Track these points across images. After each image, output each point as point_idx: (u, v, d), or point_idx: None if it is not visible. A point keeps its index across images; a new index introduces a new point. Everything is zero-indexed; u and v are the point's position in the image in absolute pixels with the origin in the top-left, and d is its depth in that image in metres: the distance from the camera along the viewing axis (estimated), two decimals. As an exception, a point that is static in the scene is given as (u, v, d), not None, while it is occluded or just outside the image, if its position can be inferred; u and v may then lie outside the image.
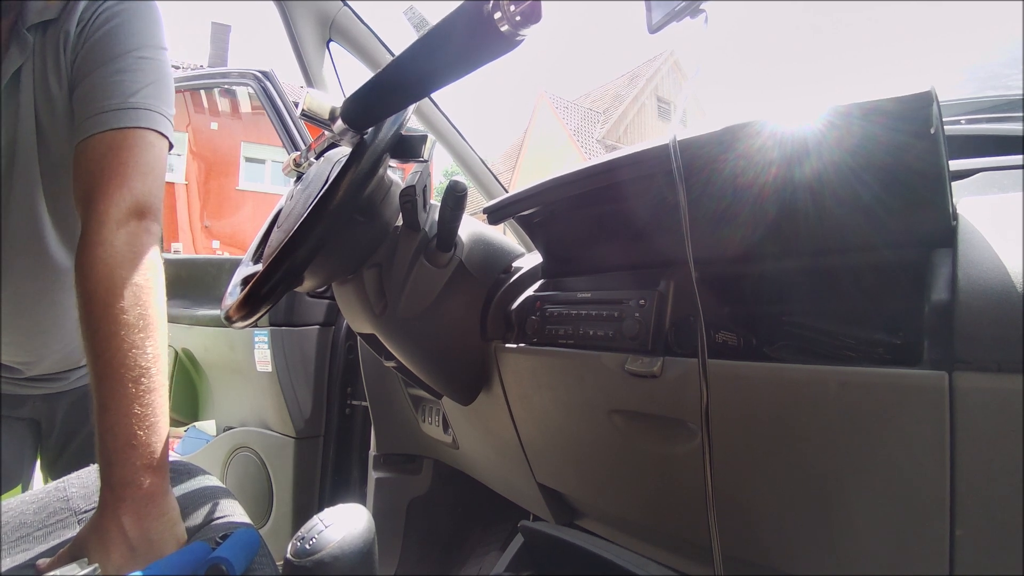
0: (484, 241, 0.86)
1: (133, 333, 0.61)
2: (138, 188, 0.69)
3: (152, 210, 0.69)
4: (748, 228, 0.60)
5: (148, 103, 0.74)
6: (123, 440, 0.58)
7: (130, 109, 0.72)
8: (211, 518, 0.68)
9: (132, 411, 0.59)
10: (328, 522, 0.58)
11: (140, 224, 0.67)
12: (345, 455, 1.56)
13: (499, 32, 0.44)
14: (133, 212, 0.67)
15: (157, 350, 0.63)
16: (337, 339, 1.54)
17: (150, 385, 0.61)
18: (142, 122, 0.72)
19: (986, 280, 0.41)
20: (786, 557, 0.55)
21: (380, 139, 0.67)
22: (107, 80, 0.73)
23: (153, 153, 0.72)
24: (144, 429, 0.59)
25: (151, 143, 0.73)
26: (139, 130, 0.72)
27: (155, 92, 0.75)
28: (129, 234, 0.66)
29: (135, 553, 0.55)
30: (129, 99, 0.72)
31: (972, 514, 0.41)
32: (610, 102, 19.85)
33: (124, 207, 0.67)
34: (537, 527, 0.82)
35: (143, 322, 0.62)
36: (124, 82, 0.73)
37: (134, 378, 0.60)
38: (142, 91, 0.73)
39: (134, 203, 0.68)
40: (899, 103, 0.43)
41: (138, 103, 0.73)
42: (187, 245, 5.97)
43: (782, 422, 0.51)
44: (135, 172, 0.69)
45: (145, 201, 0.69)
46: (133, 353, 0.61)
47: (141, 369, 0.61)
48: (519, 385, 0.80)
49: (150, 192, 0.70)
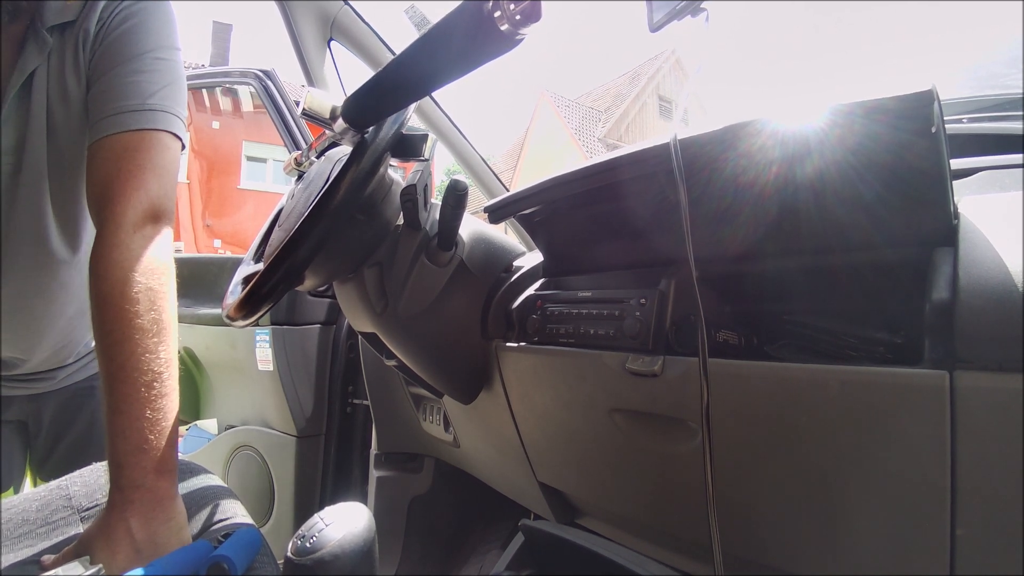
0: (485, 240, 0.86)
1: (147, 337, 0.61)
2: (154, 191, 0.69)
3: (167, 213, 0.70)
4: (749, 227, 0.60)
5: (165, 104, 0.73)
6: (134, 443, 0.58)
7: (148, 111, 0.72)
8: (213, 517, 0.69)
9: (144, 415, 0.59)
10: (329, 520, 0.58)
11: (155, 227, 0.68)
12: (346, 454, 1.57)
13: (499, 31, 0.44)
14: (149, 215, 0.67)
15: (170, 355, 0.63)
16: (338, 338, 1.54)
17: (162, 390, 0.61)
18: (159, 124, 0.72)
19: (987, 279, 0.41)
20: (786, 556, 0.55)
21: (381, 138, 0.67)
22: (125, 80, 0.73)
23: (169, 155, 0.73)
24: (155, 433, 0.59)
25: (167, 145, 0.73)
26: (156, 132, 0.72)
27: (171, 94, 0.75)
28: (145, 238, 0.66)
29: (140, 555, 0.55)
30: (147, 100, 0.72)
31: (973, 513, 0.41)
32: (611, 101, 19.83)
33: (141, 210, 0.67)
34: (538, 526, 0.82)
35: (157, 327, 0.62)
36: (142, 83, 0.73)
37: (147, 382, 0.60)
38: (159, 92, 0.73)
39: (150, 206, 0.68)
40: (900, 101, 0.43)
41: (155, 104, 0.73)
42: (188, 244, 5.97)
43: (783, 421, 0.51)
44: (152, 174, 0.69)
45: (160, 204, 0.69)
46: (147, 357, 0.61)
47: (154, 374, 0.61)
48: (520, 384, 0.80)
49: (166, 195, 0.70)
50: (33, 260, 0.83)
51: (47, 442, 1.01)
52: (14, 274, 0.81)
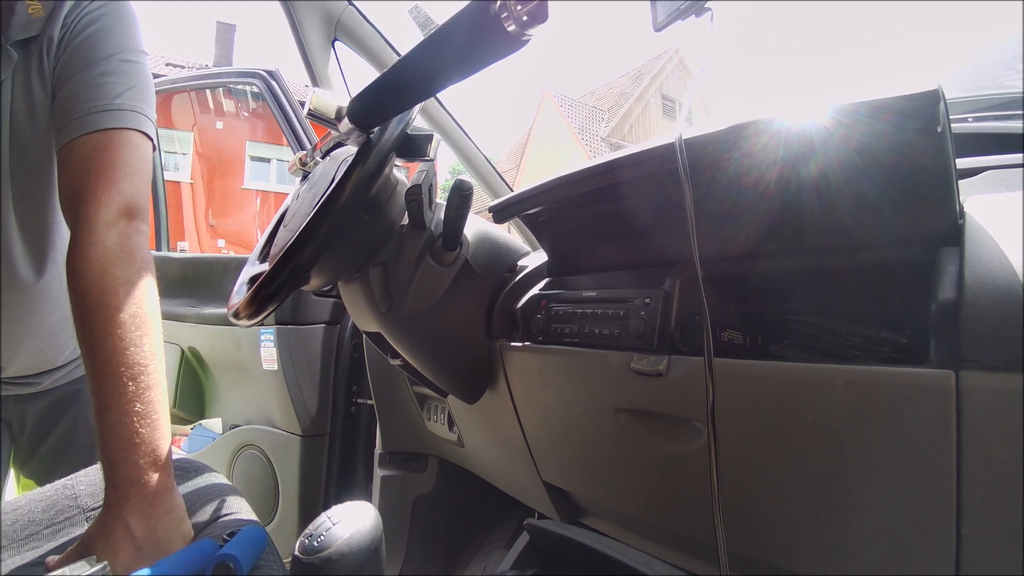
0: (489, 240, 0.87)
1: (129, 331, 0.61)
2: (127, 189, 0.69)
3: (141, 210, 0.70)
4: (754, 227, 0.60)
5: (134, 105, 0.74)
6: (125, 439, 0.58)
7: (116, 110, 0.72)
8: (218, 515, 0.69)
9: (133, 409, 0.59)
10: (336, 519, 0.59)
11: (130, 224, 0.68)
12: (350, 453, 1.57)
13: (505, 32, 0.44)
14: (123, 212, 0.68)
15: (154, 347, 0.63)
16: (343, 337, 1.54)
17: (149, 382, 0.61)
18: (129, 123, 0.73)
19: (993, 279, 0.41)
20: (792, 556, 0.55)
21: (386, 138, 0.67)
22: (92, 82, 0.73)
23: (139, 154, 0.73)
24: (146, 427, 0.59)
25: (137, 144, 0.73)
26: (126, 131, 0.72)
27: (139, 95, 0.75)
28: (120, 234, 0.66)
29: (142, 551, 0.55)
30: (115, 100, 0.73)
31: (978, 513, 0.41)
32: (615, 100, 19.81)
33: (114, 208, 0.67)
34: (542, 525, 0.82)
35: (138, 319, 0.63)
36: (109, 84, 0.73)
37: (133, 376, 0.60)
38: (127, 93, 0.74)
39: (123, 204, 0.68)
40: (906, 101, 0.43)
41: (124, 104, 0.73)
42: (192, 244, 5.98)
43: (788, 421, 0.51)
44: (123, 173, 0.70)
45: (134, 201, 0.69)
46: (131, 351, 0.61)
47: (139, 367, 0.61)
48: (524, 383, 0.80)
49: (138, 192, 0.71)
50: (3, 272, 0.82)
51: (30, 442, 1.01)
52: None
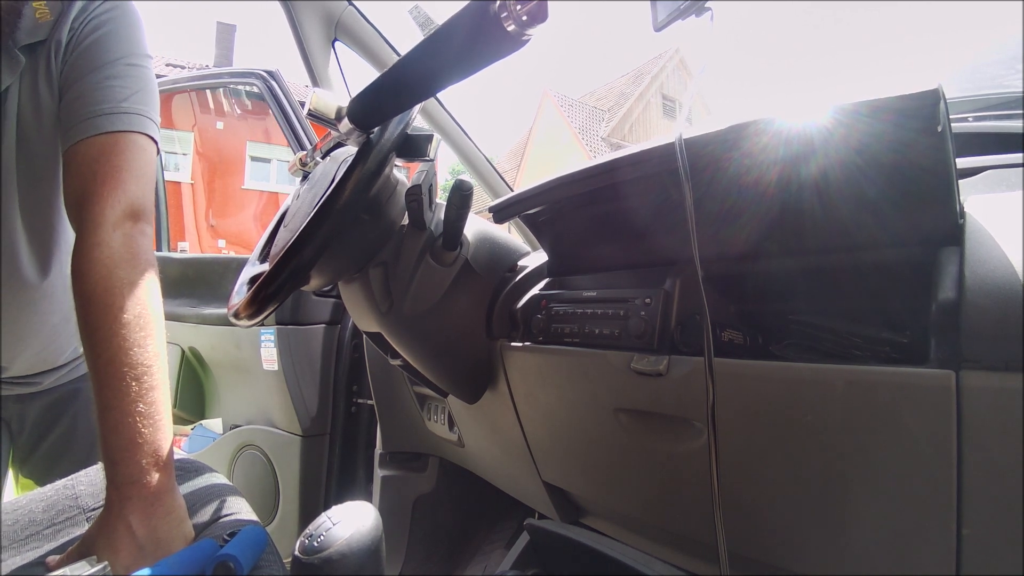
0: (490, 240, 0.87)
1: (133, 331, 0.62)
2: (132, 191, 0.70)
3: (146, 212, 0.71)
4: (754, 226, 0.60)
5: (139, 108, 0.75)
6: (127, 439, 0.58)
7: (123, 114, 0.73)
8: (218, 515, 0.69)
9: (135, 409, 0.59)
10: (336, 519, 0.59)
11: (135, 226, 0.68)
12: (351, 453, 1.57)
13: (505, 32, 0.44)
14: (128, 214, 0.68)
15: (157, 348, 0.64)
16: (343, 337, 1.54)
17: (152, 383, 0.61)
18: (134, 126, 0.73)
19: (993, 278, 0.41)
20: (792, 556, 0.55)
21: (386, 138, 0.67)
22: (99, 85, 0.74)
23: (144, 157, 0.74)
24: (148, 427, 0.60)
25: (142, 147, 0.74)
26: (132, 134, 0.73)
27: (144, 99, 0.76)
28: (125, 236, 0.67)
29: (143, 551, 0.56)
30: (121, 104, 0.74)
31: (979, 513, 0.41)
32: (615, 100, 19.80)
33: (119, 210, 0.67)
34: (543, 525, 0.82)
35: (142, 320, 0.63)
36: (115, 87, 0.74)
37: (136, 376, 0.60)
38: (133, 96, 0.75)
39: (129, 206, 0.68)
40: (906, 100, 0.43)
41: (129, 108, 0.74)
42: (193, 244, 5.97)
43: (788, 421, 0.51)
44: (129, 175, 0.70)
45: (139, 204, 0.70)
46: (134, 351, 0.61)
47: (143, 367, 0.61)
48: (525, 383, 0.80)
49: (144, 195, 0.71)
50: (8, 273, 0.83)
51: (29, 441, 1.01)
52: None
